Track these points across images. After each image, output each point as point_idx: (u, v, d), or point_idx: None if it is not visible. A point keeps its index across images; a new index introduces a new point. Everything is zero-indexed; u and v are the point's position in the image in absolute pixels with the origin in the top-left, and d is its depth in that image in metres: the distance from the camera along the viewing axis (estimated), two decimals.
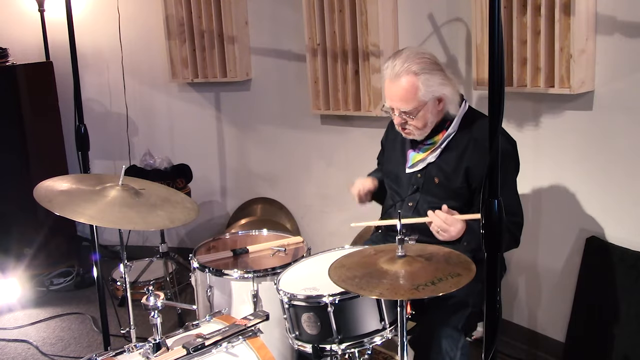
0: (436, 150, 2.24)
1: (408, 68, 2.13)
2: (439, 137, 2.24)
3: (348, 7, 3.19)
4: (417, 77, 2.12)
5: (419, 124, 2.18)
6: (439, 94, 2.16)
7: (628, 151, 2.47)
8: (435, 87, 2.14)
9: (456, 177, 2.20)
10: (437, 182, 2.24)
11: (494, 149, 1.44)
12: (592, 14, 2.44)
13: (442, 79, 2.16)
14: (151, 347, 1.80)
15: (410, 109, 2.15)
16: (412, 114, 2.16)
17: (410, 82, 2.12)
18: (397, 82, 2.14)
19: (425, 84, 2.12)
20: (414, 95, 2.13)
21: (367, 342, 1.95)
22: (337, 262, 1.85)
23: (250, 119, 3.99)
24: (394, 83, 2.15)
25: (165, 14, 3.86)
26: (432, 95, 2.15)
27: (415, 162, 2.30)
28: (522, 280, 2.96)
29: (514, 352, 2.93)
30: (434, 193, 2.26)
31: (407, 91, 2.13)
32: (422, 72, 2.12)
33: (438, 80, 2.15)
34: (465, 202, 2.22)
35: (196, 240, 3.89)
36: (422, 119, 2.17)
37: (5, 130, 3.80)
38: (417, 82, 2.12)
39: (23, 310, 3.70)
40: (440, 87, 2.15)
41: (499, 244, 1.47)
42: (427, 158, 2.26)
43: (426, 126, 2.20)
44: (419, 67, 2.13)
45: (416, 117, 2.16)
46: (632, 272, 2.47)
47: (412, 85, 2.12)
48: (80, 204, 2.03)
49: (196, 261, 2.44)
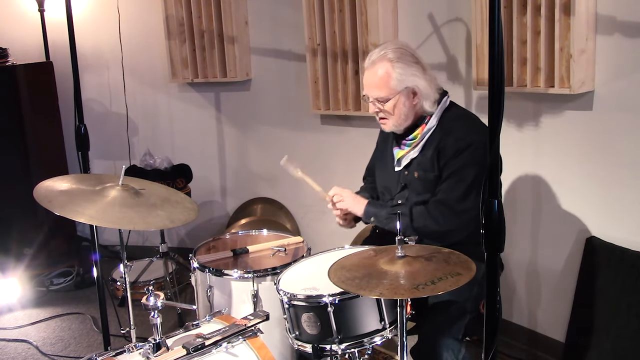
0: (417, 145, 2.26)
1: (384, 55, 2.18)
2: (418, 131, 2.25)
3: (348, 7, 3.19)
4: (391, 64, 2.17)
5: (391, 113, 2.21)
6: (412, 85, 2.18)
7: (628, 151, 2.47)
8: (409, 77, 2.17)
9: (432, 167, 2.22)
10: (416, 176, 2.26)
11: (494, 149, 1.43)
12: (592, 14, 2.44)
13: (417, 72, 2.19)
14: (151, 347, 1.80)
15: (382, 96, 2.19)
16: (383, 101, 2.19)
17: (383, 69, 2.17)
18: (372, 68, 2.20)
19: (398, 72, 2.16)
20: (386, 82, 2.17)
21: (367, 342, 1.95)
22: (337, 264, 1.85)
23: (250, 119, 3.99)
24: (369, 70, 2.22)
25: (165, 14, 3.86)
26: (404, 86, 2.17)
27: (399, 158, 2.32)
28: (522, 280, 2.96)
29: (514, 352, 2.93)
30: (416, 188, 2.28)
31: (380, 78, 2.18)
32: (397, 60, 2.17)
33: (412, 71, 2.18)
34: None
35: (196, 240, 3.88)
36: (393, 108, 2.20)
37: (5, 131, 3.80)
38: (391, 69, 2.17)
39: (23, 310, 3.70)
40: (413, 79, 2.18)
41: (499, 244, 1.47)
42: (409, 154, 2.28)
43: (400, 118, 2.22)
44: (394, 55, 2.17)
45: (387, 104, 2.20)
46: (632, 272, 2.47)
47: (385, 72, 2.17)
48: (80, 204, 2.03)
49: (196, 261, 2.44)
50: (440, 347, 2.04)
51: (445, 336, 2.06)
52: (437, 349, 2.04)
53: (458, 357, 2.05)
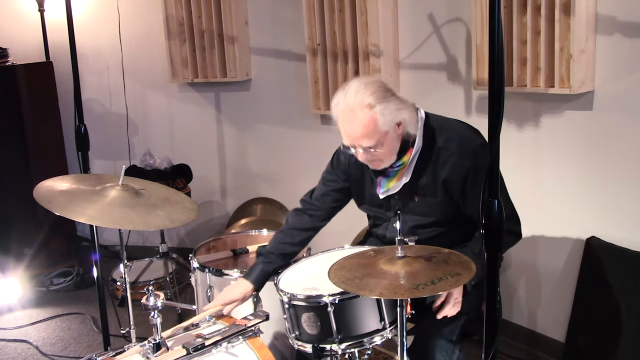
0: (407, 170, 2.14)
1: (362, 101, 1.99)
2: (407, 157, 2.12)
3: (348, 7, 3.19)
4: (372, 110, 1.98)
5: (386, 153, 2.07)
6: (398, 119, 2.04)
7: (628, 151, 2.47)
8: (394, 114, 2.02)
9: (435, 191, 2.13)
10: (416, 200, 2.18)
11: (494, 149, 1.43)
12: (592, 14, 2.44)
13: (397, 104, 2.04)
14: (151, 347, 1.80)
15: (373, 143, 2.02)
16: (377, 147, 2.03)
17: (367, 117, 1.99)
18: (353, 118, 2.00)
19: (382, 113, 1.99)
20: (374, 128, 1.99)
21: (367, 342, 1.95)
22: (337, 264, 1.85)
23: (250, 119, 3.99)
24: (350, 120, 2.01)
25: (165, 14, 3.86)
26: (391, 124, 2.03)
27: (389, 187, 2.20)
28: (522, 280, 2.96)
29: (513, 352, 2.93)
30: (417, 211, 2.19)
31: (366, 126, 1.99)
32: (377, 102, 1.99)
33: (394, 106, 2.02)
34: (449, 214, 2.17)
35: (196, 240, 3.88)
36: (387, 147, 2.06)
37: (5, 130, 3.80)
38: (375, 115, 1.98)
39: (23, 310, 3.70)
40: (398, 113, 2.03)
41: (499, 244, 1.47)
42: (401, 181, 2.16)
43: (393, 154, 2.09)
44: (372, 98, 1.99)
45: (380, 149, 2.04)
46: (632, 272, 2.47)
47: (371, 119, 1.99)
48: (80, 204, 2.04)
49: (196, 261, 2.44)
50: (434, 348, 2.04)
51: (439, 337, 2.06)
52: (430, 349, 2.03)
53: (452, 359, 2.05)
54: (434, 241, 2.14)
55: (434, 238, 2.17)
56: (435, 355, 2.03)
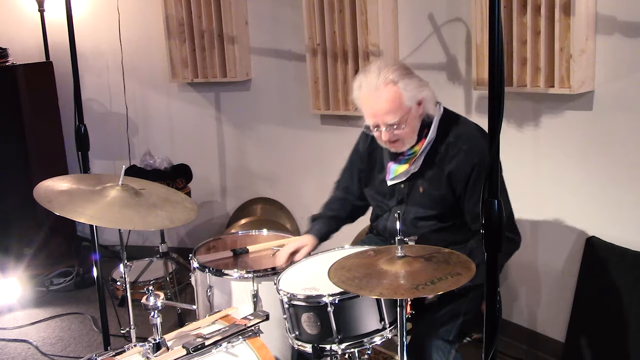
0: (418, 160, 2.18)
1: (386, 78, 2.06)
2: (418, 146, 2.17)
3: (348, 7, 3.19)
4: (396, 84, 2.06)
5: (408, 132, 2.12)
6: (420, 96, 2.12)
7: (628, 151, 2.47)
8: (416, 90, 2.10)
9: (439, 185, 2.16)
10: (421, 191, 2.20)
11: (494, 149, 1.43)
12: (592, 14, 2.44)
13: (418, 82, 2.13)
14: (151, 347, 1.80)
15: (397, 120, 2.08)
16: (401, 124, 2.09)
17: (391, 92, 2.06)
18: (378, 95, 2.07)
19: (406, 89, 2.07)
20: (399, 104, 2.07)
21: (367, 342, 1.95)
22: (337, 264, 1.85)
23: (250, 119, 3.99)
24: (375, 97, 2.08)
25: (165, 14, 3.86)
26: (414, 100, 2.10)
27: (397, 174, 2.24)
28: (522, 280, 2.96)
29: (513, 352, 2.93)
30: (419, 202, 2.21)
31: (392, 101, 2.06)
32: (400, 78, 2.07)
33: (416, 83, 2.11)
34: (449, 209, 2.18)
35: (196, 240, 3.88)
36: (410, 126, 2.11)
37: (5, 131, 3.80)
38: (399, 89, 2.06)
39: (23, 310, 3.70)
40: (420, 90, 2.11)
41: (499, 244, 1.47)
42: (409, 169, 2.20)
43: (414, 134, 2.15)
44: (395, 74, 2.07)
45: (403, 126, 2.09)
46: (632, 272, 2.47)
47: (395, 94, 2.06)
48: (80, 204, 2.03)
49: (196, 261, 2.44)
50: (430, 348, 2.04)
51: (435, 337, 2.07)
52: (427, 349, 2.04)
53: (448, 359, 2.06)
54: (433, 236, 2.19)
55: (433, 233, 2.20)
56: (432, 355, 2.03)
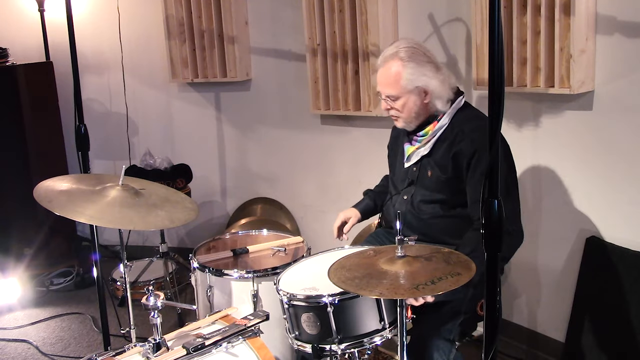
0: (428, 142, 2.26)
1: (396, 53, 2.18)
2: (429, 128, 2.26)
3: (348, 7, 3.19)
4: (402, 63, 2.17)
5: (401, 110, 2.22)
6: (423, 85, 2.18)
7: (628, 151, 2.47)
8: (420, 77, 2.17)
9: (446, 167, 2.22)
10: (430, 174, 2.27)
11: (494, 149, 1.43)
12: (592, 14, 2.44)
13: (429, 72, 2.18)
14: (151, 347, 1.80)
15: (393, 94, 2.20)
16: (398, 101, 2.21)
17: (395, 68, 2.18)
18: (385, 66, 2.21)
19: (408, 72, 2.16)
20: (396, 81, 2.18)
21: (366, 342, 1.95)
22: (337, 264, 1.85)
23: (250, 119, 3.99)
24: (382, 67, 2.22)
25: (165, 14, 3.86)
26: (414, 86, 2.17)
27: (409, 154, 2.33)
28: (522, 280, 2.96)
29: (514, 352, 2.93)
30: (427, 185, 2.28)
31: (391, 76, 2.19)
32: (409, 60, 2.17)
33: (424, 71, 2.17)
34: (453, 195, 2.23)
35: (196, 240, 3.89)
36: (403, 106, 2.21)
37: (5, 130, 3.80)
38: (402, 69, 2.17)
39: (23, 310, 3.70)
40: (424, 79, 2.17)
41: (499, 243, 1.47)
42: (419, 151, 2.29)
43: (410, 116, 2.23)
44: (406, 54, 2.17)
45: (397, 102, 2.21)
46: (632, 272, 2.47)
47: (396, 71, 2.18)
48: (80, 204, 2.03)
49: (196, 261, 2.44)
50: (431, 347, 2.04)
51: (436, 336, 2.07)
52: (428, 349, 2.04)
53: (449, 358, 2.06)
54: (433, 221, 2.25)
55: (437, 219, 2.25)
56: (433, 354, 2.03)
